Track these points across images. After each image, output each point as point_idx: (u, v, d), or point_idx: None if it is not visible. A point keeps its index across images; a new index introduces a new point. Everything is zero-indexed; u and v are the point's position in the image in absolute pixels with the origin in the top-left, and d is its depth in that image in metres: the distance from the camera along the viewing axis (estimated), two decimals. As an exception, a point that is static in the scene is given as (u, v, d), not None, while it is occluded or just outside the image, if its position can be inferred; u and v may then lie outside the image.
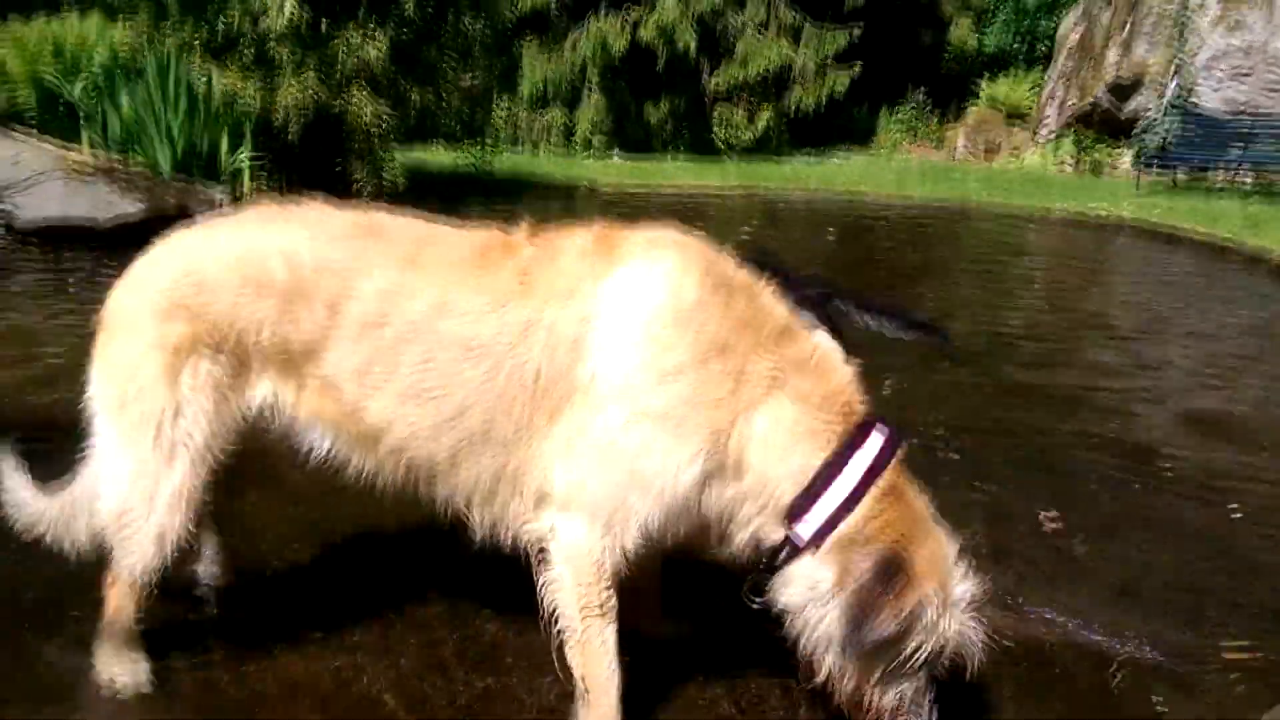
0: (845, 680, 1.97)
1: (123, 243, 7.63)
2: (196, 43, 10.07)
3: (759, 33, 20.24)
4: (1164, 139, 15.60)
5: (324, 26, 10.25)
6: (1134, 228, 11.34)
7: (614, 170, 17.28)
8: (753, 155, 20.27)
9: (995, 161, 19.90)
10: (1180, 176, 15.77)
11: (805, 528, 1.95)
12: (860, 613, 1.85)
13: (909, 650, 1.88)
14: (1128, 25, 17.66)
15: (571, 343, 1.99)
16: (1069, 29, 20.12)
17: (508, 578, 2.31)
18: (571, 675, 2.10)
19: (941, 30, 23.88)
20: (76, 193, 8.09)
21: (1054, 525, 3.45)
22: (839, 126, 21.91)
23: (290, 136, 10.14)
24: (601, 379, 1.96)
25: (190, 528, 2.20)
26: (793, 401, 1.97)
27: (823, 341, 2.12)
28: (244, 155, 9.85)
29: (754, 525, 2.04)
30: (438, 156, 15.23)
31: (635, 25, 19.86)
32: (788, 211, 12.78)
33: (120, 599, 2.23)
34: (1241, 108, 15.91)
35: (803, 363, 2.01)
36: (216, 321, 2.09)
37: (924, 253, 10.15)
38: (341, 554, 3.04)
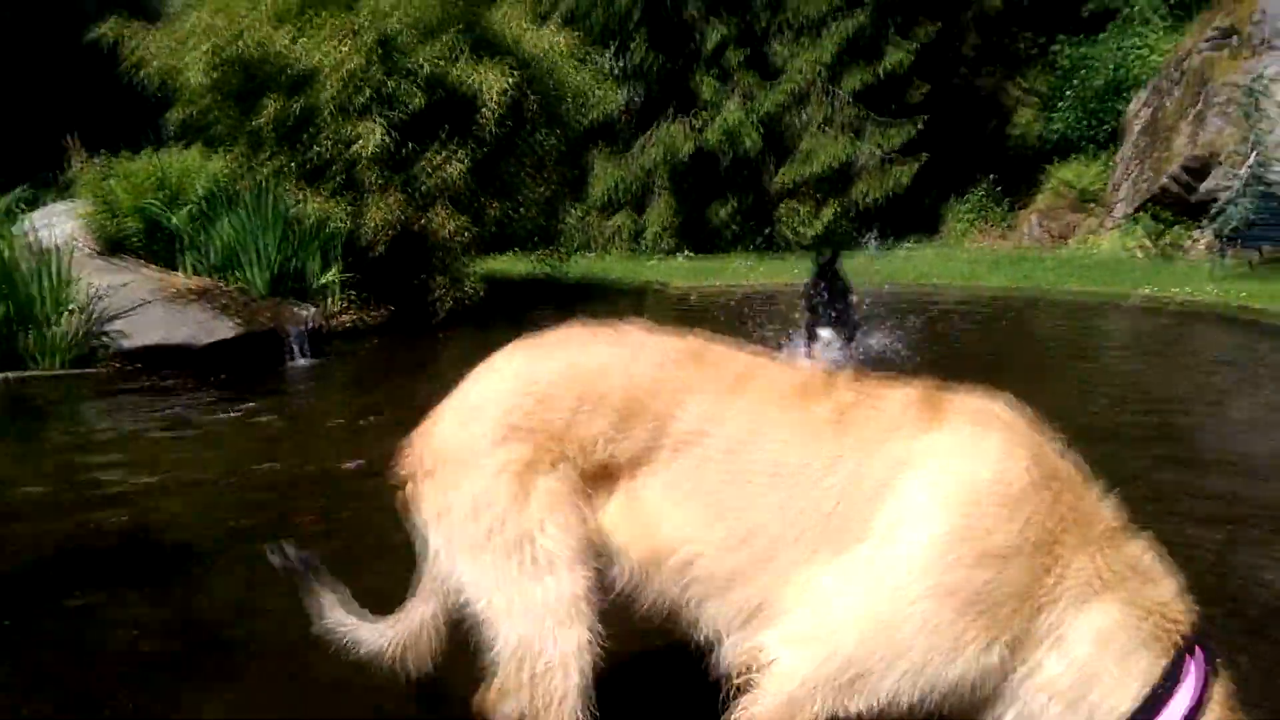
0: None
1: (219, 361, 8.10)
2: (291, 169, 10.73)
3: (821, 130, 20.67)
4: (1244, 218, 15.31)
5: (409, 148, 10.85)
6: (1214, 313, 11.05)
7: (683, 270, 17.62)
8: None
9: (1067, 246, 19.70)
10: (1260, 257, 15.39)
11: None
12: None
13: None
14: (1198, 104, 17.57)
15: (877, 487, 1.93)
16: (1137, 109, 20.06)
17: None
18: None
19: (1006, 117, 24.05)
20: (176, 316, 8.61)
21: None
22: (906, 217, 22.03)
23: (376, 253, 10.65)
24: (905, 538, 1.87)
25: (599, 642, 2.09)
26: (1123, 605, 1.86)
27: (1148, 549, 1.98)
28: (333, 273, 10.38)
29: None
30: (513, 265, 15.75)
31: (701, 129, 20.47)
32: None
33: None
34: (1321, 184, 15.57)
35: (1133, 568, 1.90)
36: (554, 436, 2.10)
37: (998, 344, 10.06)
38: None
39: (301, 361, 8.74)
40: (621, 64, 22.31)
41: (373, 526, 4.40)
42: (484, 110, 11.06)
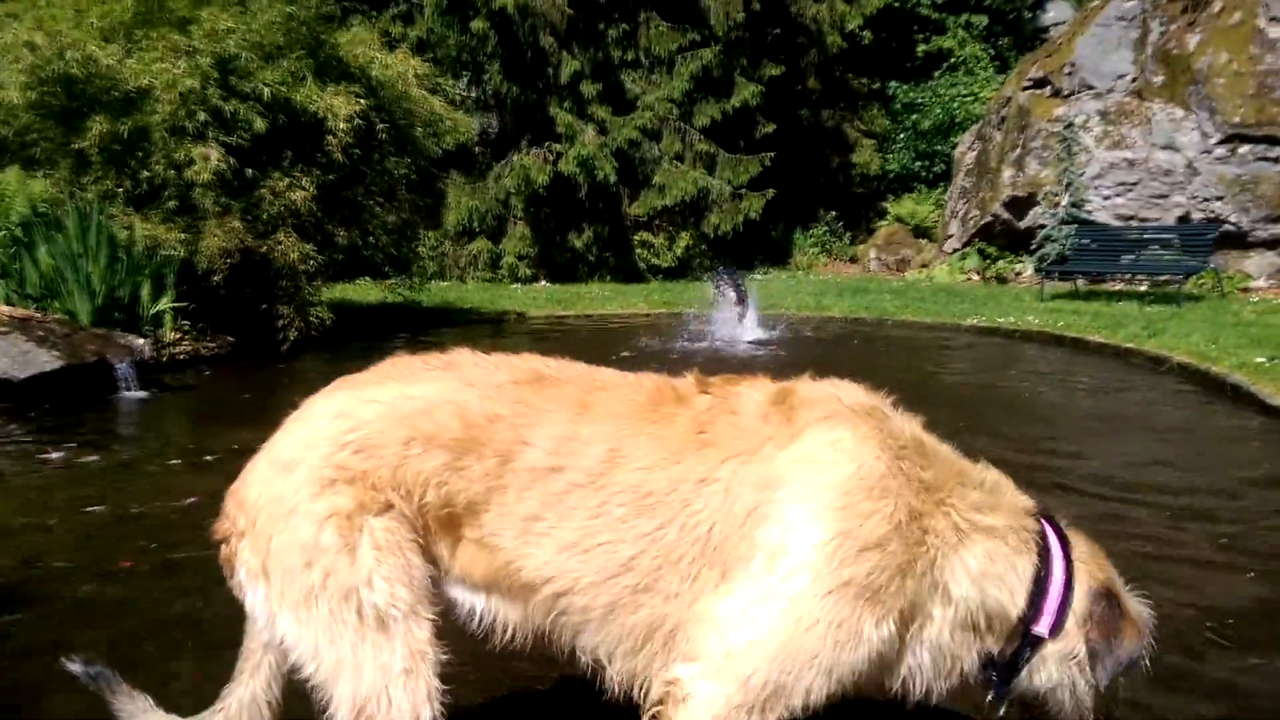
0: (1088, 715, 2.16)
1: (41, 395, 7.52)
2: (120, 192, 10.11)
3: (675, 163, 21.15)
4: (1062, 249, 16.56)
5: (250, 173, 10.41)
6: (1042, 336, 11.89)
7: (541, 298, 17.58)
8: (675, 277, 20.87)
9: (906, 275, 20.78)
10: (1080, 284, 16.68)
11: (1042, 626, 2.10)
12: (1108, 643, 2.10)
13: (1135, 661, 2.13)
14: (1019, 145, 18.93)
15: (752, 507, 1.96)
16: (964, 150, 21.47)
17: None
18: None
19: (847, 154, 25.29)
20: (-9, 348, 7.92)
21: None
22: (757, 247, 22.78)
23: (215, 281, 10.14)
24: (792, 551, 1.93)
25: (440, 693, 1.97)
26: (986, 539, 2.07)
27: (984, 471, 2.21)
28: (166, 302, 9.81)
29: (973, 654, 2.13)
30: (366, 293, 15.33)
31: (556, 159, 20.57)
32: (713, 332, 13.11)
33: None
34: (1130, 218, 17.05)
35: (981, 501, 2.10)
36: (380, 482, 1.96)
37: (848, 369, 10.46)
38: None
39: (132, 394, 8.18)
40: (475, 93, 22.25)
41: (207, 565, 4.15)
42: (331, 136, 10.76)
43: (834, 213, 24.15)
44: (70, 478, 5.75)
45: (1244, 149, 15.97)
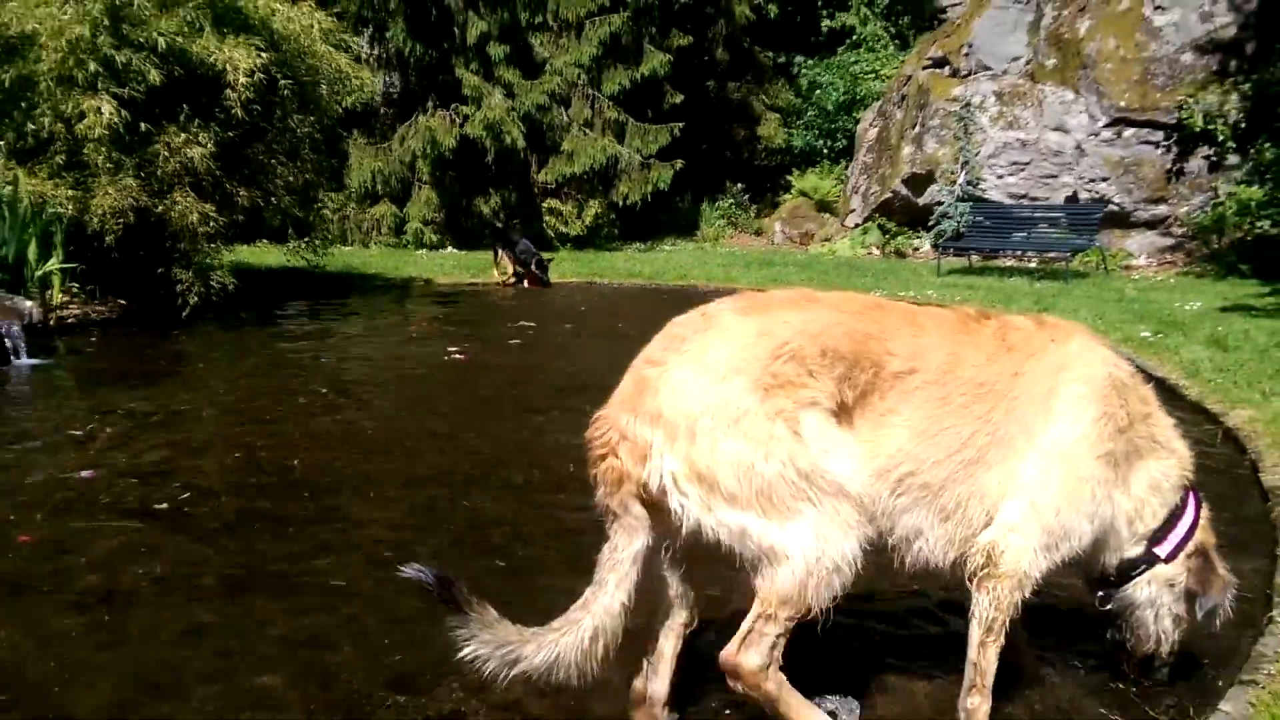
0: (1158, 648, 2.81)
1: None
2: (1, 146, 9.47)
3: (584, 130, 20.98)
4: (957, 226, 17.14)
5: (143, 129, 9.89)
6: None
7: (448, 265, 17.28)
8: (584, 246, 20.79)
9: (810, 249, 21.19)
10: (975, 260, 17.33)
11: (1164, 548, 2.74)
12: (1204, 587, 2.75)
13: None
14: (918, 123, 19.45)
15: (1048, 388, 2.56)
16: (866, 127, 21.94)
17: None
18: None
19: (753, 127, 25.52)
20: None
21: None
22: (666, 218, 22.85)
23: (108, 242, 9.63)
24: (1074, 423, 2.54)
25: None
26: (1168, 458, 2.74)
27: (1171, 423, 2.81)
28: (54, 263, 9.29)
29: (1121, 547, 2.76)
30: (266, 256, 14.80)
31: (464, 120, 20.15)
32: (626, 301, 13.15)
33: (789, 632, 2.33)
34: (1022, 196, 17.76)
35: (1172, 430, 2.77)
36: (805, 385, 2.32)
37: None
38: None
39: (23, 361, 7.74)
40: (378, 50, 21.57)
41: (110, 537, 4.04)
42: (230, 90, 10.28)
43: (740, 185, 24.38)
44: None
45: (1128, 132, 16.78)
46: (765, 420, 2.25)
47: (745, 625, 2.34)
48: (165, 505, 4.49)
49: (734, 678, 2.34)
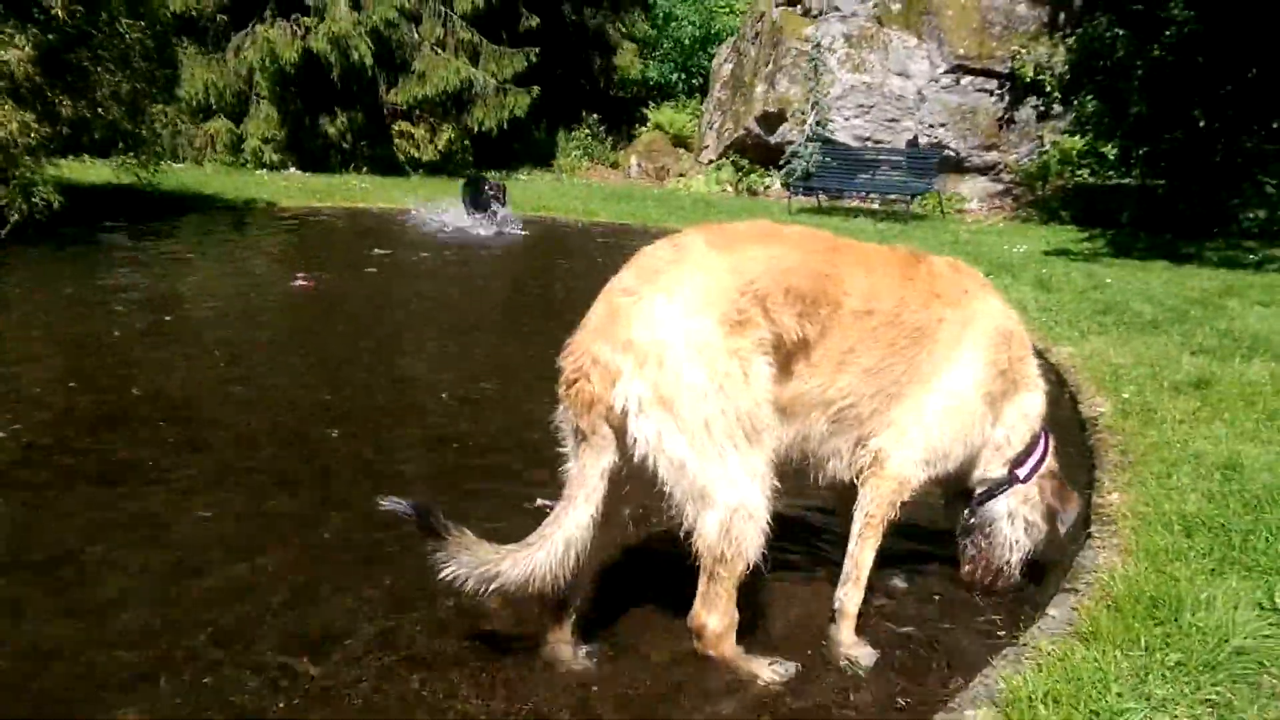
0: (1011, 556, 3.17)
1: None
2: None
3: (436, 50, 20.24)
4: (807, 166, 17.67)
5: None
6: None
7: (294, 186, 16.50)
8: (437, 173, 20.22)
9: (666, 184, 21.36)
10: (823, 200, 17.96)
11: (1023, 470, 3.14)
12: (1062, 504, 3.18)
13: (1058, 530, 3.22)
14: (771, 61, 19.78)
15: (955, 337, 2.87)
16: (721, 63, 22.13)
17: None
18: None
19: (609, 56, 25.26)
20: None
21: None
22: (521, 148, 22.44)
23: (-92, 152, 8.71)
24: (969, 367, 2.90)
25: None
26: (1035, 394, 3.14)
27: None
28: None
29: (987, 467, 3.15)
30: (93, 173, 13.70)
31: (305, 33, 19.06)
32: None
33: (736, 587, 2.52)
34: (866, 139, 18.45)
35: (1033, 375, 3.15)
36: (764, 324, 2.48)
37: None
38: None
39: None
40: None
41: None
42: (51, -12, 9.39)
43: (596, 116, 24.18)
44: None
45: (965, 80, 17.64)
46: (725, 356, 2.39)
47: (700, 586, 2.53)
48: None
49: (698, 637, 2.58)
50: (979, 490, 3.20)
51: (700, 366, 2.36)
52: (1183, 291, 8.61)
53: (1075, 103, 14.82)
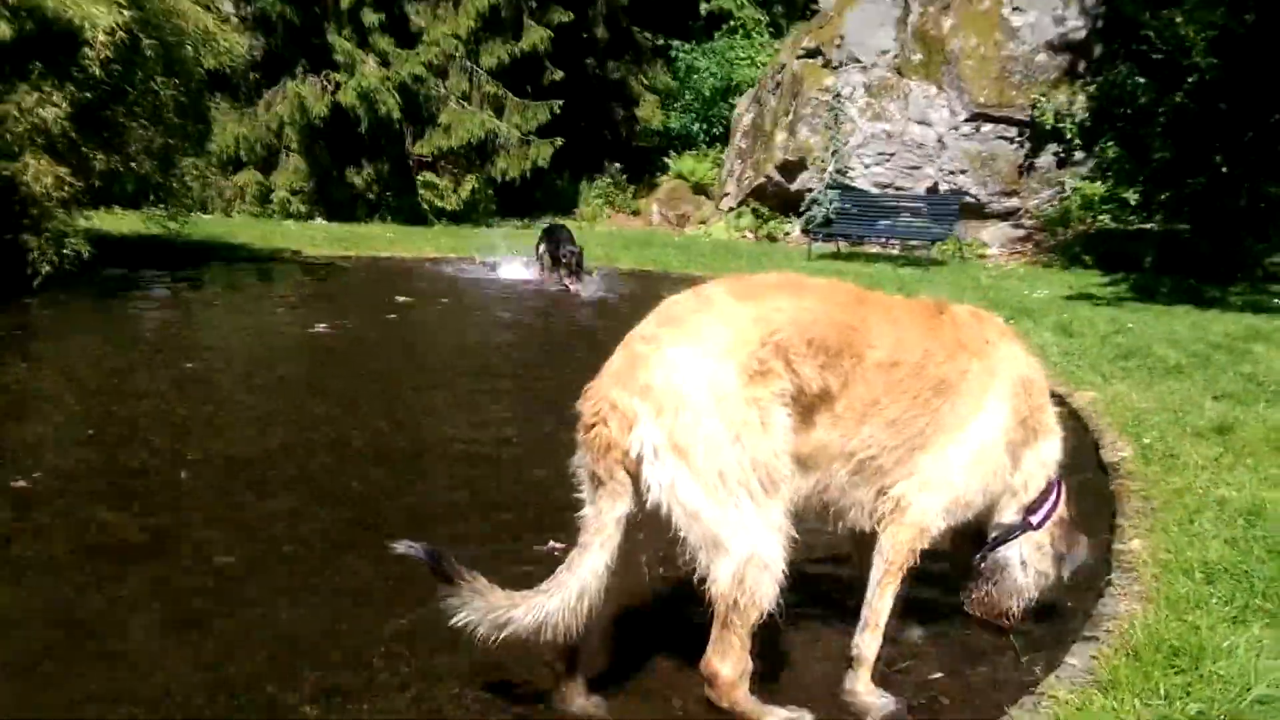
0: (1016, 602, 3.13)
1: None
2: None
3: (461, 103, 20.65)
4: (827, 213, 17.76)
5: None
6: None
7: (318, 237, 16.74)
8: (460, 222, 20.51)
9: (686, 230, 21.54)
10: (843, 246, 18.02)
11: (1037, 517, 3.11)
12: (1069, 548, 3.17)
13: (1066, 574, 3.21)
14: (791, 111, 20.01)
15: (980, 388, 2.87)
16: (742, 113, 22.41)
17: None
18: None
19: (631, 107, 25.66)
20: None
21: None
22: (543, 196, 22.76)
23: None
24: (989, 411, 2.89)
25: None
26: (1054, 441, 3.12)
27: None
28: (-112, 226, 8.58)
29: (1003, 513, 3.12)
30: (123, 223, 14.01)
31: (336, 88, 19.53)
32: (508, 281, 13.11)
33: (750, 635, 2.47)
34: (887, 186, 18.55)
35: (1051, 422, 3.12)
36: (785, 375, 2.48)
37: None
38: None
39: None
40: (242, 11, 20.59)
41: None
42: (88, 48, 9.67)
43: (618, 165, 24.50)
44: None
45: (986, 128, 17.73)
46: (743, 405, 2.39)
47: (713, 632, 2.49)
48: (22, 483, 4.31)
49: (710, 685, 2.53)
50: (992, 535, 3.18)
51: (717, 415, 2.36)
52: (1206, 336, 8.53)
53: (1096, 149, 14.85)
